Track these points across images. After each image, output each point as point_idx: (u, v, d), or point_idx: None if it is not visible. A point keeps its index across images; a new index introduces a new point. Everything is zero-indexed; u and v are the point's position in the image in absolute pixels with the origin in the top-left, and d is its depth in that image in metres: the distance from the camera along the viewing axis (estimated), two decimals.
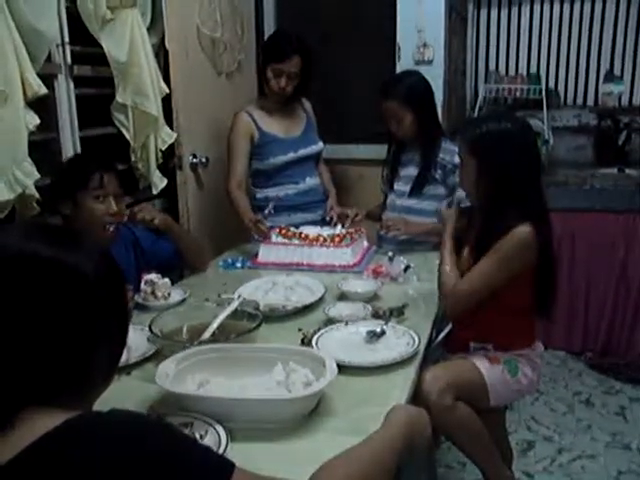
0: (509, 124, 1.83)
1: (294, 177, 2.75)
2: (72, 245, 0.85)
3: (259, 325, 1.60)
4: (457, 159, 2.40)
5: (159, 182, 2.65)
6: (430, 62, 3.30)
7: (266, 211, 2.53)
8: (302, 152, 2.75)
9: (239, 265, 2.38)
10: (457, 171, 2.44)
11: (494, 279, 1.78)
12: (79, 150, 2.31)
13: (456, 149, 2.36)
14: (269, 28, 3.61)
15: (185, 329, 1.63)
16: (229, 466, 0.81)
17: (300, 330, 1.73)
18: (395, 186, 2.66)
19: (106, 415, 0.78)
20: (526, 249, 1.75)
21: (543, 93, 3.59)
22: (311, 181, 2.79)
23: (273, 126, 2.74)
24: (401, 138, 2.59)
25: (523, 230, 1.74)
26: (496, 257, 1.77)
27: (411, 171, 2.61)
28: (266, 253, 2.38)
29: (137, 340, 1.60)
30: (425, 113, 2.54)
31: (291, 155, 2.72)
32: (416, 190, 2.58)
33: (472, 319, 1.88)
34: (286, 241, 2.38)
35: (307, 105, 2.88)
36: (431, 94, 2.59)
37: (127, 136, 2.48)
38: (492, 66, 3.87)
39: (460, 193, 2.44)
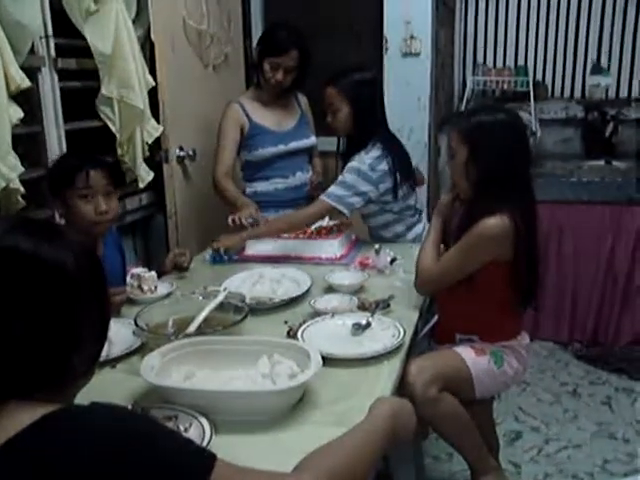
0: (501, 114, 1.85)
1: (284, 171, 2.72)
2: (53, 239, 0.85)
3: (245, 318, 1.60)
4: (349, 164, 2.37)
5: (146, 175, 2.64)
6: (417, 54, 3.31)
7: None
8: (293, 145, 2.73)
9: (226, 258, 2.37)
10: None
11: (459, 267, 1.81)
12: (64, 143, 2.29)
13: (362, 159, 2.34)
14: (256, 21, 3.60)
15: (171, 322, 1.62)
16: (210, 458, 0.81)
17: (286, 323, 1.73)
18: None
19: (85, 408, 0.78)
20: (492, 241, 1.75)
21: (530, 85, 3.59)
22: (302, 176, 2.76)
23: (265, 118, 2.72)
24: (334, 130, 2.50)
25: (491, 223, 1.74)
26: (461, 246, 1.80)
27: None
28: (253, 246, 2.38)
29: (123, 333, 1.60)
30: (364, 111, 2.41)
31: (281, 147, 2.70)
32: None
33: (457, 310, 1.89)
34: None
35: (303, 100, 2.85)
36: (376, 95, 2.46)
37: (113, 129, 2.46)
38: (480, 58, 3.87)
39: (330, 188, 2.37)
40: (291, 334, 1.64)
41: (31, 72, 2.09)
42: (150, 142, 2.61)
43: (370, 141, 2.40)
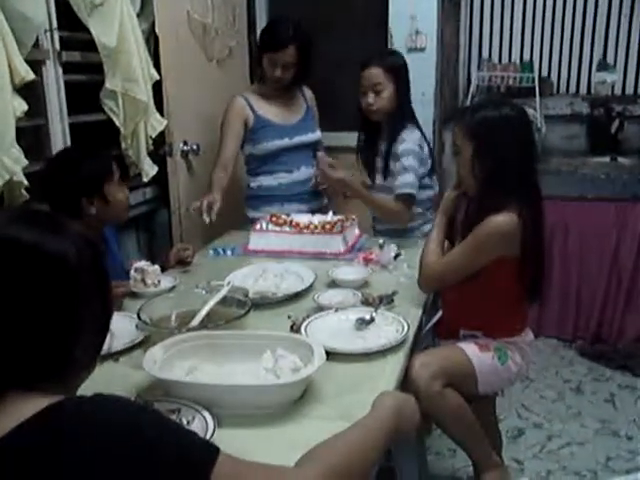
0: (507, 109, 1.83)
1: (288, 165, 2.71)
2: (55, 230, 0.85)
3: (248, 312, 1.60)
4: (403, 147, 2.37)
5: (149, 169, 2.64)
6: (423, 49, 3.29)
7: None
8: (298, 139, 2.72)
9: (229, 252, 2.37)
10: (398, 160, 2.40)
11: (466, 264, 1.80)
12: (68, 136, 2.29)
13: (411, 140, 2.36)
14: (261, 14, 3.59)
15: (174, 316, 1.62)
16: (214, 451, 0.81)
17: (289, 317, 1.73)
18: (377, 181, 2.60)
19: (89, 399, 0.78)
20: (501, 239, 1.74)
21: (536, 81, 3.58)
22: (307, 171, 2.74)
23: (270, 112, 2.71)
24: (374, 113, 2.47)
25: (500, 220, 1.73)
26: (468, 243, 1.79)
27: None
28: (257, 240, 2.37)
29: (126, 327, 1.60)
30: (405, 92, 2.48)
31: (286, 141, 2.69)
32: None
33: (462, 306, 1.89)
34: (277, 229, 2.38)
35: (308, 94, 2.84)
36: (408, 78, 2.52)
37: (117, 123, 2.46)
38: (485, 54, 3.85)
39: (402, 179, 2.39)
40: (294, 328, 1.64)
41: (35, 65, 2.09)
42: (154, 136, 2.61)
43: (408, 123, 2.46)
